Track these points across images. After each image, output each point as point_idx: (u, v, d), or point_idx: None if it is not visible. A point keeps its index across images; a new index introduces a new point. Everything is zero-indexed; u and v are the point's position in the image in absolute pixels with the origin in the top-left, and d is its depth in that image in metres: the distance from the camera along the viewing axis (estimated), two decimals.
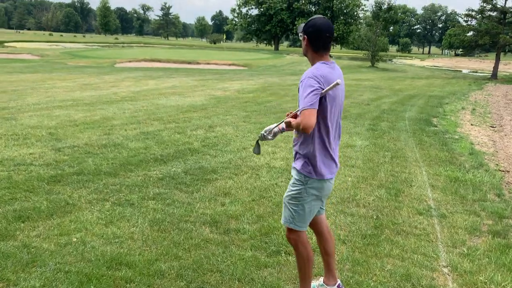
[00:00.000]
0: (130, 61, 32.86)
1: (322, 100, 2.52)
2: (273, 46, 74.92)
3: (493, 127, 12.00)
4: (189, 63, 34.07)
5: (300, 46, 2.96)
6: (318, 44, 2.60)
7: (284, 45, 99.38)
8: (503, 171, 6.92)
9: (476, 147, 8.66)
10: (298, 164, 2.70)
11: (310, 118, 2.44)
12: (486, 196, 5.31)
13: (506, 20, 31.81)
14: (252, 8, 71.60)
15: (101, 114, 9.71)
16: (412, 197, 5.12)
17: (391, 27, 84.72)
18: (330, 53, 2.73)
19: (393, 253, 3.65)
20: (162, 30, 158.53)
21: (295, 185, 2.70)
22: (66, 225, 3.90)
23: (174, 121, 9.19)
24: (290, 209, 2.71)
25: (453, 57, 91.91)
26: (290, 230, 2.76)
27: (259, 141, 2.91)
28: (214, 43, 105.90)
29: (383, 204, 4.83)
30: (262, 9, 68.45)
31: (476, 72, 47.01)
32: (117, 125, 8.52)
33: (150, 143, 7.10)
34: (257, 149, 2.95)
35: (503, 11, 31.31)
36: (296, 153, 2.73)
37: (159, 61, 34.17)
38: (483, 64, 65.43)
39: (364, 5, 64.82)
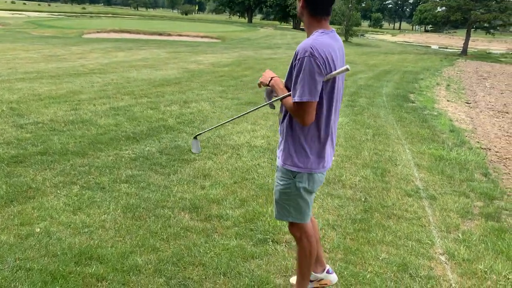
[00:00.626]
0: (98, 32, 31.54)
1: (323, 84, 2.14)
2: (247, 18, 73.50)
3: (468, 103, 12.01)
4: (160, 34, 32.98)
5: (274, 19, 2.58)
6: (316, 7, 2.18)
7: (257, 17, 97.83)
8: (485, 148, 6.84)
9: (455, 123, 8.58)
10: (282, 157, 2.31)
11: (309, 115, 2.13)
12: (473, 175, 5.18)
13: None
14: None
15: (68, 87, 9.11)
16: (399, 177, 4.93)
17: (364, 2, 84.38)
18: (303, 28, 2.38)
19: (386, 239, 3.44)
20: (131, 0, 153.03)
21: (282, 179, 2.34)
22: (28, 213, 3.50)
23: (146, 96, 8.71)
24: (283, 204, 2.39)
25: (423, 33, 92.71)
26: (292, 224, 2.47)
27: (197, 137, 2.53)
28: (186, 14, 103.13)
29: (370, 185, 4.62)
30: None
31: (446, 48, 47.52)
32: (85, 99, 7.98)
33: (121, 120, 6.65)
34: (195, 148, 2.50)
35: None
36: (282, 140, 2.33)
37: (129, 32, 32.93)
38: (452, 40, 66.24)
39: None
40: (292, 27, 63.73)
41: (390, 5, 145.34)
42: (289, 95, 2.19)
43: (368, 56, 25.77)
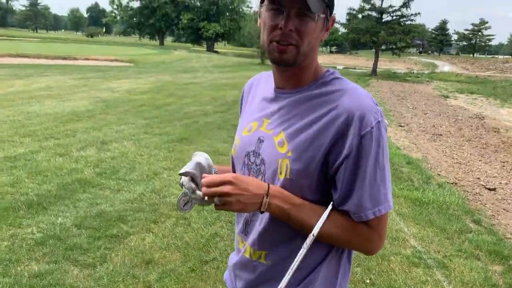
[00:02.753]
0: None
1: None
2: (158, 40, 71.51)
3: (402, 126, 11.82)
4: (65, 58, 30.21)
5: (186, 42, 1.49)
6: None
7: (168, 40, 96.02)
8: (451, 183, 6.27)
9: (405, 152, 8.07)
10: None
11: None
12: (465, 225, 4.44)
13: (383, 20, 33.72)
14: (133, 0, 67.36)
15: None
16: (390, 236, 4.01)
17: None
18: (216, 50, 1.34)
19: None
20: (29, 22, 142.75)
21: None
22: None
23: (53, 136, 7.07)
24: None
25: (330, 54, 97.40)
26: None
27: None
28: (91, 36, 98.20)
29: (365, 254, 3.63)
30: (144, 2, 64.72)
31: (355, 68, 49.70)
32: None
33: (21, 175, 5.05)
34: None
35: (381, 11, 33.13)
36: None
37: (28, 56, 29.71)
38: (357, 61, 70.05)
39: (249, 1, 64.70)
40: (206, 49, 63.10)
41: None
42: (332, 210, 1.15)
43: None
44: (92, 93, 13.12)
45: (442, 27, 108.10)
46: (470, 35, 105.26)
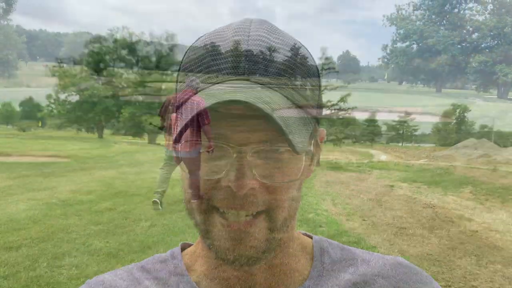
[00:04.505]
0: None
1: None
2: (96, 133, 70.20)
3: (365, 220, 11.69)
4: None
5: (126, 134, 1.49)
6: None
7: (106, 132, 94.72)
8: None
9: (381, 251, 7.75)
10: None
11: None
12: None
13: (322, 113, 35.58)
14: (72, 95, 66.55)
15: None
16: None
17: None
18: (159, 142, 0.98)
19: None
20: None
21: None
22: None
23: None
24: None
25: None
26: None
27: None
28: (24, 130, 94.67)
29: None
30: (83, 96, 64.23)
31: None
32: None
33: None
34: None
35: (319, 106, 34.95)
36: None
37: None
38: None
39: None
40: (147, 142, 62.52)
41: None
42: None
43: None
44: (30, 194, 11.97)
45: (372, 119, 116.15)
46: (397, 126, 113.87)
